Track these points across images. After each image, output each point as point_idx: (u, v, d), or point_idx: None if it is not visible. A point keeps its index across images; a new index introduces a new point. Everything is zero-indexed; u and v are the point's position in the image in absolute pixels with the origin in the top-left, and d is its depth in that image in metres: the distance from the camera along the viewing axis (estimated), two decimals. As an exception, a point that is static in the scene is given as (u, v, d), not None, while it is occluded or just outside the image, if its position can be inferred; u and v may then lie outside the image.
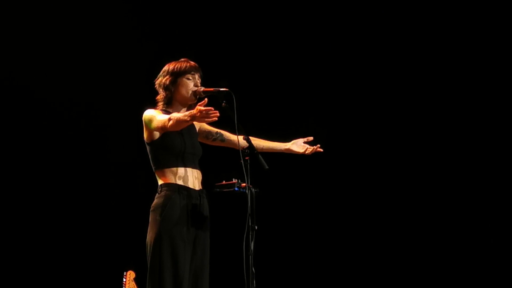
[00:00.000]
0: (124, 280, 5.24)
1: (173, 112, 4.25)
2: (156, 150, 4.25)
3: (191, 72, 4.32)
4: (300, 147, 4.59)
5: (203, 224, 4.23)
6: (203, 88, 4.31)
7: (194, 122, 4.15)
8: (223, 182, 4.21)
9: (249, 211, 4.05)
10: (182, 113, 4.21)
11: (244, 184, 4.10)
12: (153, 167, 4.29)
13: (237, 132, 4.21)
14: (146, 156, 4.32)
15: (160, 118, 4.14)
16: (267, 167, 4.12)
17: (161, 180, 4.24)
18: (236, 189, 4.15)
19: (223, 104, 4.16)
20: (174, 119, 4.03)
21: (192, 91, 4.30)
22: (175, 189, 4.18)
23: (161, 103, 4.33)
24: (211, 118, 3.90)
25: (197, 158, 4.33)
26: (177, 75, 4.30)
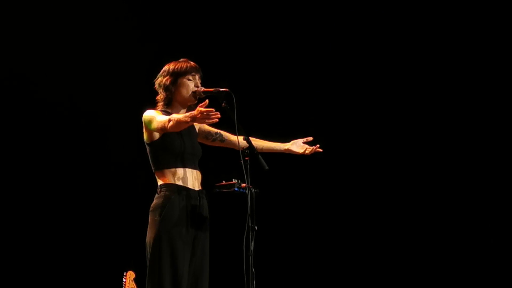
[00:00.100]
0: (124, 280, 5.24)
1: (173, 113, 4.24)
2: (155, 150, 4.24)
3: (191, 72, 4.31)
4: (299, 147, 4.58)
5: (202, 225, 4.22)
6: (203, 88, 4.29)
7: (194, 123, 4.13)
8: (223, 182, 4.20)
9: (249, 211, 4.04)
10: (182, 114, 4.22)
11: (244, 185, 4.09)
12: (152, 168, 4.28)
13: (237, 132, 4.20)
14: (146, 157, 4.31)
15: (160, 119, 4.13)
16: (267, 167, 4.11)
17: (160, 181, 4.23)
18: (236, 189, 4.14)
19: (223, 104, 4.14)
20: (174, 120, 4.02)
21: (192, 92, 4.29)
22: (175, 190, 4.16)
23: (161, 103, 4.31)
24: (211, 120, 3.89)
25: (197, 159, 4.31)
26: (178, 75, 4.28)
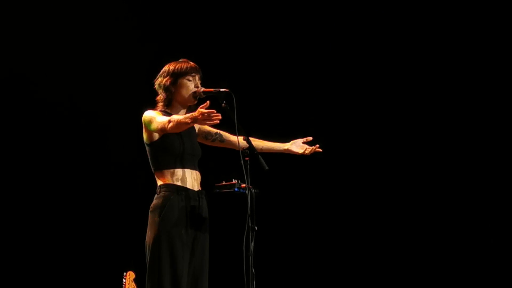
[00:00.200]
0: (124, 280, 5.24)
1: (173, 113, 4.24)
2: (155, 151, 4.23)
3: (191, 73, 4.30)
4: (299, 147, 4.58)
5: (202, 225, 4.21)
6: (203, 88, 4.28)
7: (195, 124, 4.12)
8: (223, 182, 4.20)
9: (249, 211, 4.04)
10: (182, 114, 4.21)
11: (244, 185, 4.09)
12: (152, 168, 4.28)
13: (237, 132, 4.19)
14: (146, 157, 4.31)
15: (159, 120, 4.12)
16: (267, 167, 4.10)
17: (160, 181, 4.23)
18: (236, 189, 4.14)
19: (223, 104, 4.14)
20: (174, 122, 4.02)
21: (192, 92, 4.28)
22: (174, 190, 4.16)
23: (160, 104, 4.30)
24: (213, 121, 3.89)
25: (197, 159, 4.31)
26: (178, 76, 4.27)
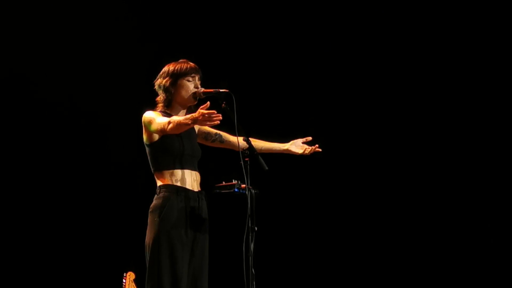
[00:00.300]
0: (124, 281, 5.24)
1: (173, 114, 4.24)
2: (155, 152, 4.23)
3: (191, 73, 4.29)
4: (299, 147, 4.58)
5: (201, 226, 4.21)
6: (203, 89, 4.27)
7: (195, 125, 4.12)
8: (223, 183, 4.19)
9: (249, 212, 4.04)
10: (182, 115, 4.21)
11: (244, 185, 4.08)
12: (152, 169, 4.27)
13: (237, 133, 4.19)
14: (146, 157, 4.31)
15: (159, 120, 4.12)
16: (267, 168, 4.10)
17: (159, 182, 4.22)
18: (236, 190, 4.14)
19: (223, 105, 4.14)
20: (174, 123, 4.01)
21: (192, 93, 4.27)
22: (174, 191, 4.16)
23: (160, 104, 4.30)
24: (213, 122, 3.88)
25: (196, 160, 4.30)
26: (177, 76, 4.26)
